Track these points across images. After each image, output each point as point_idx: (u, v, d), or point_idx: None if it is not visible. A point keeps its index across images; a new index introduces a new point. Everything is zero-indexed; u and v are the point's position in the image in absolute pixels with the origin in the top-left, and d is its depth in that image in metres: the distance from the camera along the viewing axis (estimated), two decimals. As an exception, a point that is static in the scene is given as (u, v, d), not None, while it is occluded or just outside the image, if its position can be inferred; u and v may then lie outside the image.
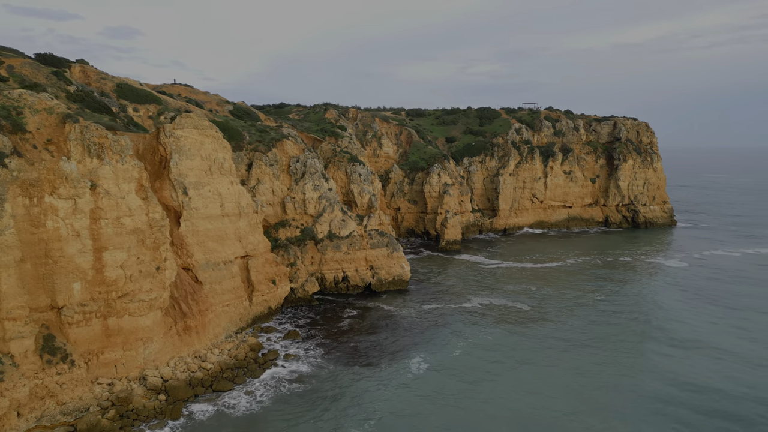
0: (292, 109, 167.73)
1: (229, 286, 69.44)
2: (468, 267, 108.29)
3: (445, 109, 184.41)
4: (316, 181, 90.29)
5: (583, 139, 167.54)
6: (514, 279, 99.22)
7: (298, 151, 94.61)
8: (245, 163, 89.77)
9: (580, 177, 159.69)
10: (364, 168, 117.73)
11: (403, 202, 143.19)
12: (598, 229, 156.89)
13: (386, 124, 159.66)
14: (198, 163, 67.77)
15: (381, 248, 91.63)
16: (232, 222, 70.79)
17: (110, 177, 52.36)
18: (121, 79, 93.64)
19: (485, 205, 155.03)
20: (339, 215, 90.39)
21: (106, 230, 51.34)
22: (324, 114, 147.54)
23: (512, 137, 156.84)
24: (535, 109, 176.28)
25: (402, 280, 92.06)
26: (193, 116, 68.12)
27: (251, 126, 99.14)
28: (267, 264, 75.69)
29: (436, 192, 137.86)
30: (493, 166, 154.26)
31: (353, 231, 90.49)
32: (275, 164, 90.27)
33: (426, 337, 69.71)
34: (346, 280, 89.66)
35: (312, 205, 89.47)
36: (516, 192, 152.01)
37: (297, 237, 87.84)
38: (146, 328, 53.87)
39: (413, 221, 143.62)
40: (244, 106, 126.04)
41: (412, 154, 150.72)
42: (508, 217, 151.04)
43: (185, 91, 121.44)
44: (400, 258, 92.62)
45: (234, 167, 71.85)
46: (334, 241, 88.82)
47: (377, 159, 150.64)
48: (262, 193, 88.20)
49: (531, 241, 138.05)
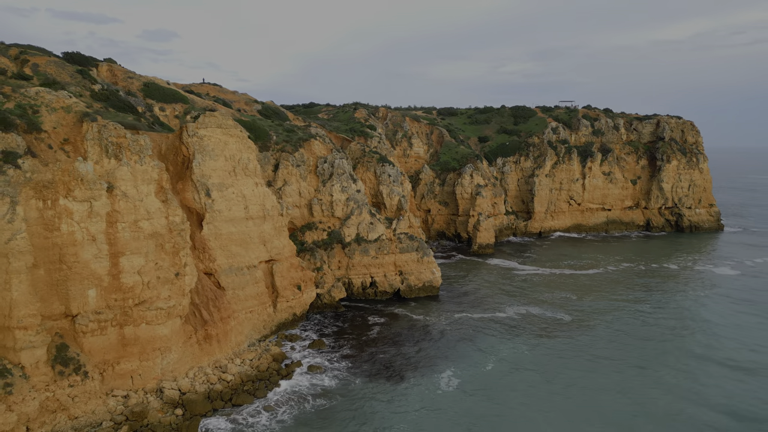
0: (321, 109, 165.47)
1: (253, 291, 66.72)
2: (502, 273, 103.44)
3: (478, 108, 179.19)
4: (344, 183, 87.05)
5: (623, 138, 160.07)
6: (552, 287, 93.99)
7: (325, 152, 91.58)
8: (272, 164, 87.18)
9: (620, 178, 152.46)
10: (394, 168, 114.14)
11: (434, 204, 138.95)
12: (639, 234, 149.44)
13: (417, 123, 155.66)
14: (222, 164, 65.24)
15: (410, 253, 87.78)
16: (256, 225, 68.07)
17: (128, 178, 50.01)
18: (148, 78, 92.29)
19: (519, 207, 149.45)
20: (367, 218, 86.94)
21: (123, 234, 49.01)
22: (353, 113, 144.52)
23: (548, 137, 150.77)
24: (573, 108, 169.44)
25: (432, 286, 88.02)
26: (216, 115, 65.62)
27: (279, 125, 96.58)
28: (292, 269, 72.77)
29: (468, 193, 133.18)
30: (528, 166, 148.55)
31: (382, 234, 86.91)
32: (302, 165, 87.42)
33: (457, 350, 65.57)
34: (374, 286, 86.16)
35: (339, 207, 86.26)
36: (552, 194, 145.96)
37: (324, 240, 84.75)
38: (164, 337, 51.39)
39: (444, 224, 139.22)
40: (273, 106, 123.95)
41: (443, 154, 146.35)
42: (543, 219, 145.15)
43: (213, 90, 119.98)
44: (430, 263, 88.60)
45: (259, 168, 69.13)
46: (362, 244, 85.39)
47: (407, 159, 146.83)
48: (289, 195, 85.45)
49: (567, 245, 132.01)
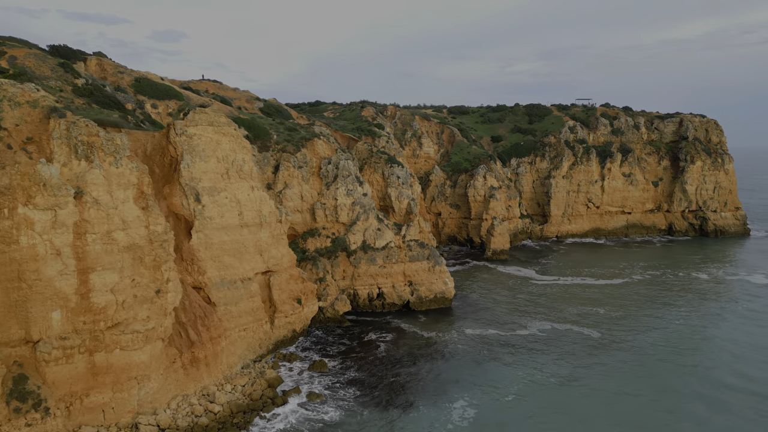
0: (327, 107, 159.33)
1: (248, 307, 60.42)
2: (519, 283, 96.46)
3: (490, 106, 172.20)
4: (350, 186, 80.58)
5: (644, 138, 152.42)
6: (575, 299, 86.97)
7: (330, 152, 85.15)
8: (272, 165, 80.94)
9: (641, 180, 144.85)
10: (403, 170, 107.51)
11: (445, 207, 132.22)
12: (661, 238, 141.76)
13: (427, 122, 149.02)
14: (213, 166, 59.01)
15: (421, 261, 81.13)
16: (251, 233, 61.78)
17: (100, 183, 43.82)
18: (140, 73, 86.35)
19: (535, 211, 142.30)
20: (374, 224, 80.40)
21: (94, 247, 42.82)
22: (360, 112, 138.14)
23: (565, 136, 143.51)
24: (590, 106, 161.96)
25: (445, 297, 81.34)
26: (208, 111, 59.38)
27: (280, 124, 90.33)
28: (292, 280, 66.42)
29: (481, 196, 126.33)
30: (544, 167, 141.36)
31: (390, 242, 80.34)
32: (304, 166, 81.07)
33: (473, 374, 58.88)
34: (381, 297, 79.64)
35: (344, 212, 79.80)
36: (569, 196, 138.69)
37: (327, 248, 78.31)
38: (142, 364, 45.16)
39: (455, 228, 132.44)
40: (276, 103, 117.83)
41: (454, 155, 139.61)
42: (560, 223, 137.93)
43: (213, 87, 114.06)
44: (442, 272, 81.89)
45: (255, 170, 62.83)
46: (369, 252, 78.87)
47: (417, 160, 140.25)
48: (290, 199, 79.14)
49: (587, 251, 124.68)
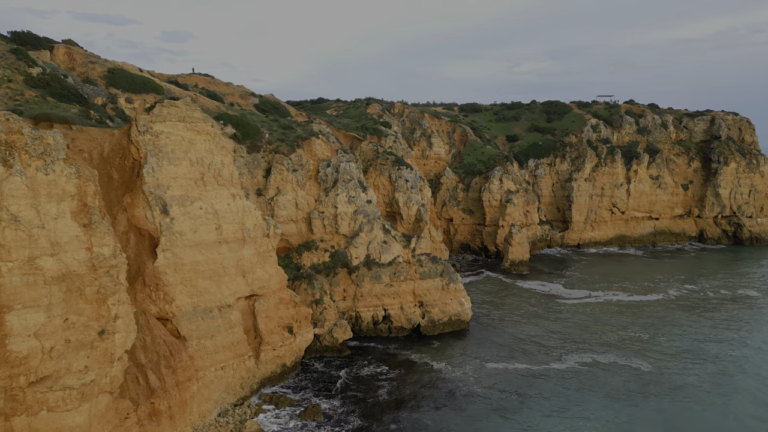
0: (330, 105, 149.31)
1: (226, 340, 50.23)
2: (544, 300, 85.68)
3: (505, 104, 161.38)
4: (351, 192, 70.26)
5: (672, 137, 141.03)
6: (611, 319, 76.20)
7: (329, 153, 74.86)
8: (263, 168, 70.80)
9: (669, 183, 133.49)
10: (412, 173, 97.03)
11: (457, 212, 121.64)
12: (692, 246, 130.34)
13: (437, 120, 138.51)
14: (185, 170, 48.89)
15: (434, 278, 70.65)
16: (232, 250, 51.59)
17: (21, 194, 33.73)
18: (115, 63, 76.44)
19: (554, 216, 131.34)
20: (380, 235, 70.00)
21: (11, 279, 32.75)
22: (366, 109, 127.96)
23: (588, 135, 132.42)
24: (613, 103, 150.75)
25: (460, 320, 70.83)
26: (179, 105, 49.22)
27: (273, 121, 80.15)
28: (282, 305, 56.18)
29: (497, 200, 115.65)
30: (564, 169, 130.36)
31: (398, 256, 69.90)
32: (300, 169, 70.84)
33: (496, 426, 48.35)
34: (387, 320, 69.26)
35: (345, 222, 69.47)
36: (592, 201, 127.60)
37: (325, 264, 68.00)
38: (78, 428, 35.06)
39: (468, 235, 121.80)
40: (272, 99, 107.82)
41: (467, 155, 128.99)
42: (582, 230, 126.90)
43: (203, 81, 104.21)
44: (458, 291, 71.36)
45: (236, 175, 52.60)
46: (373, 269, 68.50)
47: (426, 161, 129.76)
48: (283, 207, 68.95)
49: (613, 261, 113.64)
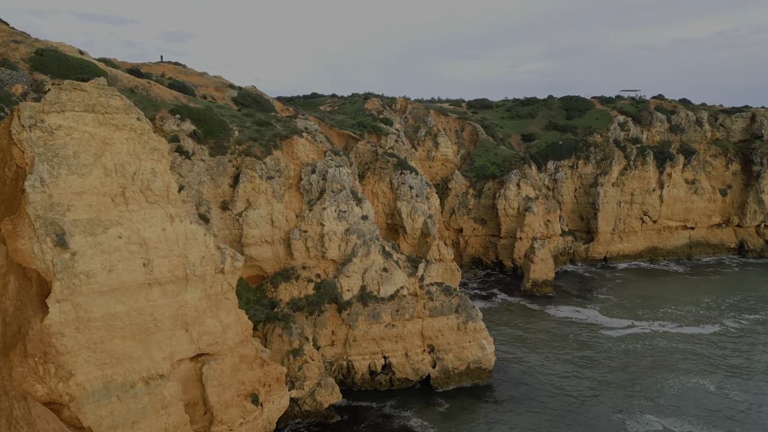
0: (325, 100, 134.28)
1: (156, 427, 35.05)
2: (582, 332, 70.42)
3: (518, 100, 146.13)
4: (342, 205, 55.07)
5: (707, 136, 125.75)
6: (669, 360, 61.13)
7: (315, 155, 59.72)
8: (229, 175, 55.66)
9: (706, 188, 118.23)
10: (417, 178, 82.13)
11: (467, 222, 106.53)
12: (732, 259, 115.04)
13: (444, 117, 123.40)
14: (96, 182, 33.76)
15: (447, 316, 55.42)
16: (169, 295, 36.45)
17: None
18: (48, 44, 61.20)
19: (577, 225, 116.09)
20: (378, 261, 54.78)
21: None
22: (363, 104, 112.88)
23: (615, 134, 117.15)
24: (639, 98, 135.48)
25: (481, 369, 55.62)
26: (88, 88, 34.00)
27: (247, 116, 64.99)
28: (244, 366, 41.04)
29: (514, 209, 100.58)
30: (588, 172, 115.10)
31: (401, 287, 54.68)
32: (277, 176, 55.69)
33: None
34: (388, 370, 54.08)
35: (334, 244, 54.28)
36: (621, 208, 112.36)
37: (309, 298, 52.81)
38: None
39: (481, 247, 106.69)
40: (254, 92, 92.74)
41: (478, 157, 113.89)
42: (609, 242, 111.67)
43: (173, 71, 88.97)
44: (478, 332, 56.13)
45: (174, 188, 37.40)
46: (371, 305, 53.28)
47: (432, 163, 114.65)
48: (254, 224, 53.81)
49: (650, 279, 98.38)
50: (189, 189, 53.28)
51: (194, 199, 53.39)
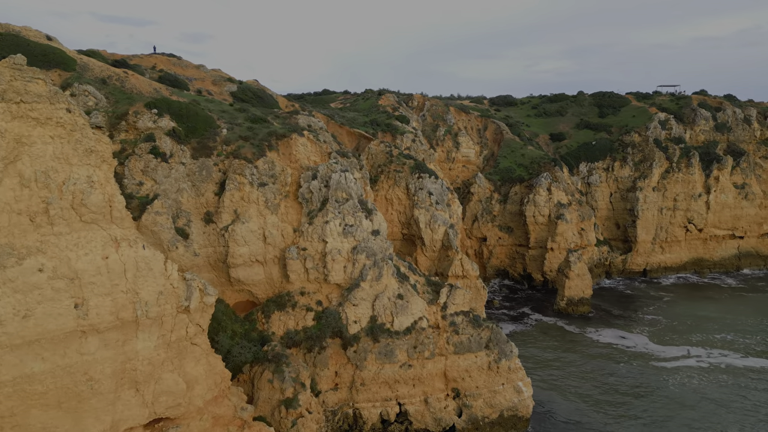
0: (337, 97, 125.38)
1: None
2: (632, 363, 60.04)
3: (545, 96, 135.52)
4: (349, 217, 45.61)
5: (756, 135, 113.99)
6: (743, 402, 50.65)
7: (318, 157, 50.36)
8: (215, 181, 46.55)
9: (757, 192, 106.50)
10: (437, 182, 72.57)
11: (492, 230, 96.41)
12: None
13: (465, 115, 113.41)
14: (5, 196, 24.81)
15: (476, 353, 45.62)
16: (111, 345, 27.34)
17: None
18: (9, 27, 52.64)
19: (613, 234, 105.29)
20: (392, 285, 45.21)
21: None
22: (377, 100, 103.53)
23: (655, 133, 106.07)
24: (679, 94, 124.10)
25: (516, 416, 45.73)
26: (-1, 69, 25.04)
27: (239, 111, 55.90)
28: (218, 431, 31.75)
29: (545, 216, 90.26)
30: (625, 175, 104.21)
31: (420, 318, 45.02)
32: (271, 182, 46.44)
33: None
34: (404, 419, 44.44)
35: (339, 264, 44.82)
36: (662, 215, 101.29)
37: (307, 331, 43.49)
38: None
39: (506, 258, 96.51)
40: (255, 86, 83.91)
41: (503, 158, 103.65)
42: (650, 252, 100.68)
43: (166, 63, 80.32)
44: (513, 372, 46.23)
45: (120, 202, 28.32)
46: (383, 340, 43.72)
47: (452, 165, 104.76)
48: (243, 241, 44.62)
49: (700, 296, 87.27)
50: (165, 198, 44.35)
51: (171, 210, 44.44)
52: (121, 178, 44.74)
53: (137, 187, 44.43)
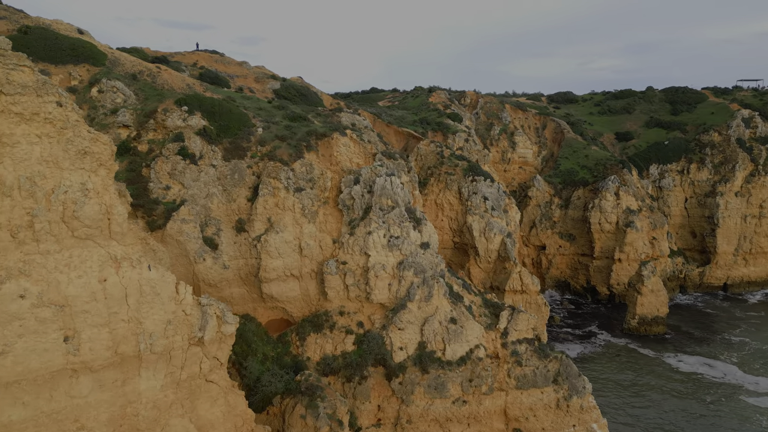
0: (385, 95, 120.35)
1: None
2: (722, 398, 51.81)
3: (608, 93, 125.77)
4: (394, 228, 39.98)
5: None
6: None
7: (361, 159, 45.02)
8: (247, 186, 41.98)
9: None
10: (493, 186, 66.06)
11: (551, 237, 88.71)
12: None
13: (521, 112, 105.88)
14: (-16, 208, 20.55)
15: (542, 388, 39.07)
16: (105, 388, 22.75)
17: None
18: (41, 20, 49.94)
19: (687, 244, 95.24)
20: (444, 308, 39.27)
21: None
22: (427, 98, 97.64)
23: (737, 132, 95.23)
24: (763, 89, 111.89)
25: (590, 465, 38.90)
26: (-22, 55, 20.81)
27: (277, 109, 51.31)
28: (235, 483, 26.84)
29: (612, 223, 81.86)
30: (703, 179, 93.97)
31: (476, 347, 38.88)
32: (309, 187, 41.45)
33: None
34: (456, 462, 38.43)
35: (383, 282, 39.29)
36: (746, 223, 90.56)
37: (347, 358, 38.20)
38: None
39: (567, 269, 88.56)
40: (299, 83, 79.51)
41: (564, 159, 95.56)
42: (731, 265, 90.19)
43: (207, 59, 77.13)
44: (585, 412, 39.35)
45: (121, 213, 23.71)
46: (433, 371, 37.88)
47: (508, 166, 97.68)
48: (277, 253, 39.80)
49: (791, 316, 76.74)
50: (192, 204, 40.12)
51: (199, 217, 40.17)
52: (146, 182, 40.94)
53: (163, 192, 40.41)
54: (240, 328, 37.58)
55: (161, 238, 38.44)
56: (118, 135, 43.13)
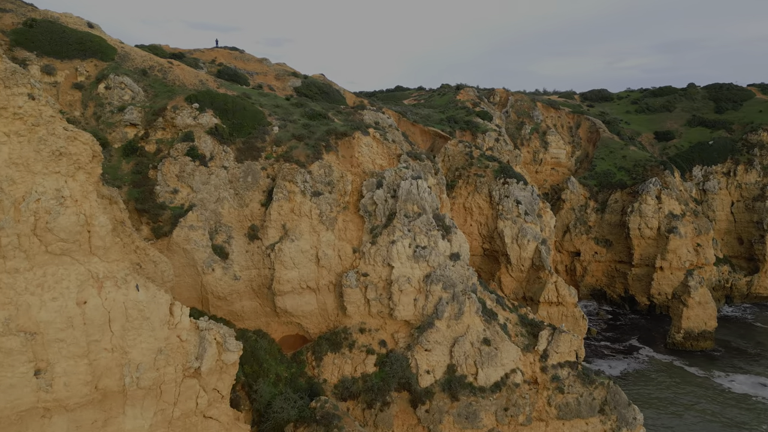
0: (411, 93, 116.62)
1: None
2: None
3: (646, 90, 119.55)
4: (421, 237, 36.09)
5: None
6: None
7: (384, 161, 41.27)
8: (261, 189, 38.59)
9: None
10: (526, 189, 61.68)
11: (586, 243, 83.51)
12: None
13: (554, 111, 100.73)
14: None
15: (587, 419, 34.70)
16: (81, 429, 19.48)
17: None
18: (48, 14, 47.45)
19: (734, 251, 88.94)
20: (476, 326, 35.22)
21: None
22: (455, 96, 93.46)
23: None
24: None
25: (642, 507, 34.43)
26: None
27: (295, 106, 47.87)
28: None
29: (653, 228, 76.41)
30: (751, 181, 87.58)
31: (513, 370, 34.72)
32: (328, 191, 37.85)
33: None
34: (489, 500, 34.39)
35: (408, 296, 35.44)
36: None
37: (368, 381, 34.48)
38: None
39: (603, 276, 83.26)
40: (321, 81, 76.18)
41: (599, 160, 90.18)
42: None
43: (226, 56, 74.36)
44: (636, 446, 34.85)
45: (103, 225, 20.42)
46: (464, 398, 33.89)
47: (540, 167, 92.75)
48: (291, 263, 36.31)
49: None
50: (201, 209, 36.94)
51: (208, 223, 36.96)
52: (153, 185, 37.92)
53: (171, 196, 37.34)
54: (251, 346, 34.33)
55: (167, 246, 35.34)
56: (125, 134, 40.33)
